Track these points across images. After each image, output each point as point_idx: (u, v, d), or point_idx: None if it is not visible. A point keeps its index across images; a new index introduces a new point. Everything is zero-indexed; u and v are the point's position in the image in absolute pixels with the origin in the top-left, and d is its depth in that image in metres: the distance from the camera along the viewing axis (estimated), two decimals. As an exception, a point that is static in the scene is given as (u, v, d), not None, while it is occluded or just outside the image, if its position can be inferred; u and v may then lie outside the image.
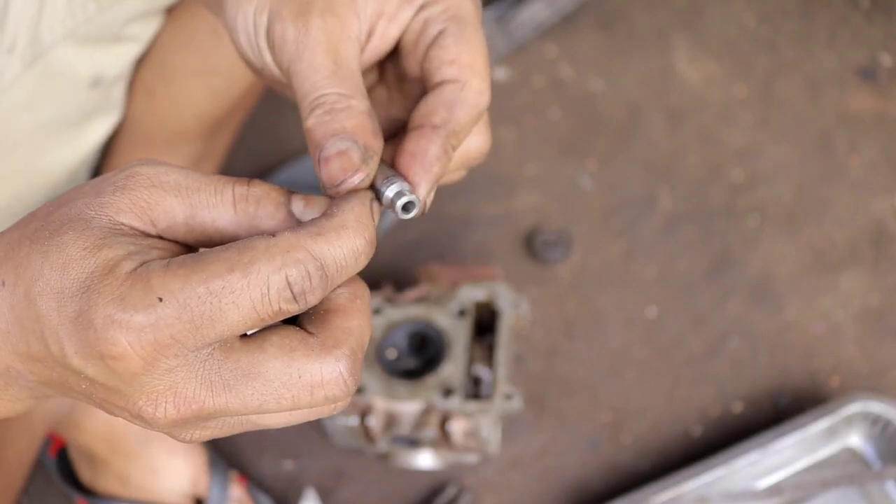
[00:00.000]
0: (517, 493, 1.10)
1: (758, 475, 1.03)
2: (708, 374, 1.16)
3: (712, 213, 1.28)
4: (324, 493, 1.10)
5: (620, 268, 1.24)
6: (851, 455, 1.05)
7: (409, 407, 1.00)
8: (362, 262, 0.40)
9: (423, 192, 0.43)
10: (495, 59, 1.41)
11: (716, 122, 1.37)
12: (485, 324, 1.07)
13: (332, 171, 0.41)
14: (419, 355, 1.06)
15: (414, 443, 1.02)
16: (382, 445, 1.02)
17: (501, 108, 1.36)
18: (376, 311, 1.07)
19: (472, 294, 1.05)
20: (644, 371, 1.17)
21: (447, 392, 0.99)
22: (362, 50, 0.46)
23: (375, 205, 0.41)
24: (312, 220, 0.39)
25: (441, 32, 0.46)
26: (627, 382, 1.16)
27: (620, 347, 1.18)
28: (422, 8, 0.46)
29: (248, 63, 0.49)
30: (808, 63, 1.41)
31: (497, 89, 1.27)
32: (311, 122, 0.43)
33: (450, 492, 1.09)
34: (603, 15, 1.46)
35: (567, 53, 1.43)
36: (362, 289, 0.42)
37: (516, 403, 1.01)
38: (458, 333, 1.03)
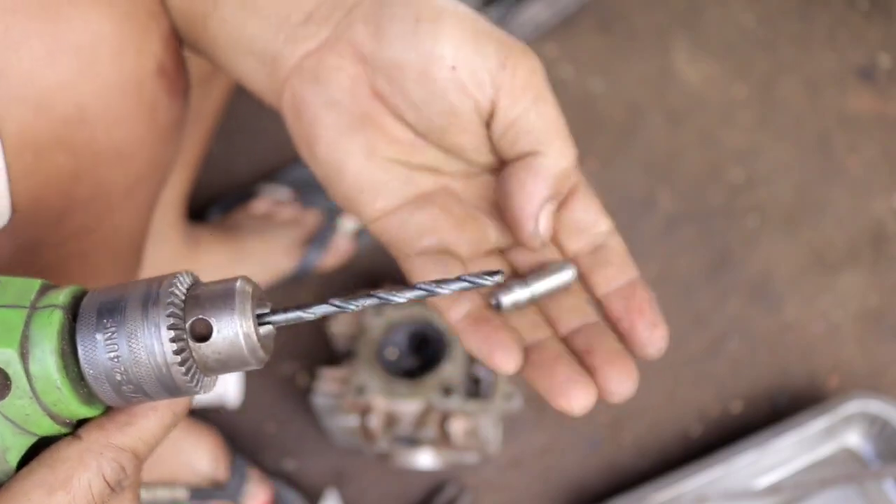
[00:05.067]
0: (517, 492, 1.10)
1: (757, 474, 1.03)
2: (707, 373, 1.17)
3: (712, 213, 1.28)
4: (323, 493, 1.10)
5: (620, 268, 1.24)
6: (850, 454, 1.06)
7: (409, 406, 1.00)
8: (170, 430, 0.41)
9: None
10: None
11: (715, 122, 1.37)
12: (485, 324, 1.07)
13: (547, 232, 0.48)
14: (419, 355, 1.07)
15: (414, 442, 1.02)
16: (382, 445, 1.03)
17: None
18: (376, 312, 1.07)
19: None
20: (643, 371, 1.15)
21: (447, 391, 0.99)
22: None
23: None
24: (122, 409, 0.39)
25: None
26: (627, 382, 1.16)
27: (620, 347, 1.18)
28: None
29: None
30: (808, 63, 1.41)
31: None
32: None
33: (450, 491, 1.09)
34: (603, 15, 1.46)
35: (567, 54, 1.43)
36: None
37: (516, 403, 1.01)
38: (458, 333, 1.03)
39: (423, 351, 1.06)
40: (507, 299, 0.46)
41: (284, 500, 1.06)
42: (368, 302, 0.39)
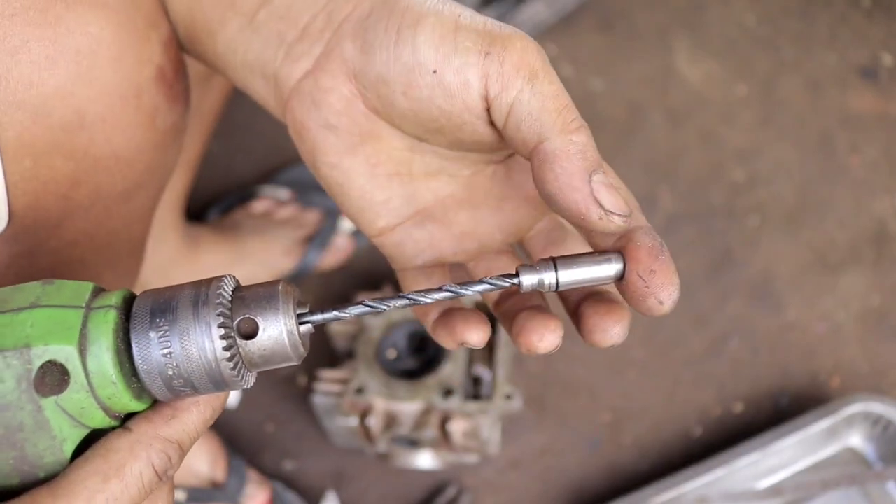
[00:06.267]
0: (517, 493, 1.10)
1: (758, 475, 1.03)
2: (708, 374, 1.16)
3: (713, 212, 1.28)
4: (324, 494, 1.10)
5: (621, 268, 1.23)
6: (852, 455, 1.05)
7: (408, 407, 1.00)
8: (209, 424, 0.43)
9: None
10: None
11: (716, 121, 1.36)
12: (485, 324, 1.07)
13: (621, 203, 0.43)
14: (419, 355, 1.06)
15: (414, 443, 1.02)
16: (382, 445, 1.02)
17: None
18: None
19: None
20: (644, 371, 1.17)
21: (447, 392, 0.99)
22: None
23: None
24: (166, 403, 0.42)
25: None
26: (627, 382, 1.16)
27: (620, 348, 1.18)
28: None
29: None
30: (809, 63, 1.41)
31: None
32: (584, 136, 0.44)
33: (450, 492, 1.08)
34: (603, 15, 1.46)
35: (567, 53, 1.43)
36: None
37: (516, 403, 1.00)
38: (457, 333, 1.03)
39: (423, 351, 1.06)
40: (528, 281, 0.43)
41: (283, 501, 1.06)
42: (400, 303, 0.42)
